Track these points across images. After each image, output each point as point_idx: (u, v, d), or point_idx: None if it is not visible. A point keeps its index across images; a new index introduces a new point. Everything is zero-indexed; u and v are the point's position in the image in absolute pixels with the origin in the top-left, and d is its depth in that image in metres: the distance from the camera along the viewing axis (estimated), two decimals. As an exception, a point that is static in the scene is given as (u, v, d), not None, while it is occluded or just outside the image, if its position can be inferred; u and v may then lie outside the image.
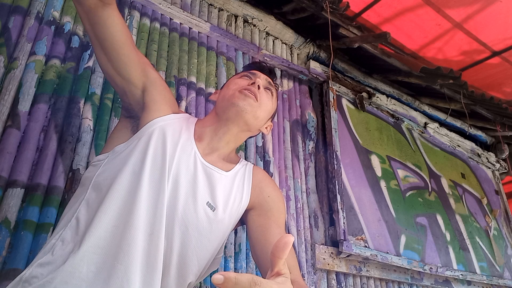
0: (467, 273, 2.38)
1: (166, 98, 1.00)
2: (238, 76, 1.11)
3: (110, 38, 0.88)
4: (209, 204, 0.92)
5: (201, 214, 0.89)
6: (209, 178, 0.94)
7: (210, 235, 0.91)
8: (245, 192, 1.00)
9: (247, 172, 1.05)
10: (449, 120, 3.00)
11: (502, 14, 2.41)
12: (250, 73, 1.10)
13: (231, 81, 1.10)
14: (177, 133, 0.95)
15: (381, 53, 2.35)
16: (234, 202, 0.97)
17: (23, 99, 1.24)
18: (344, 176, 2.10)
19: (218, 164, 0.99)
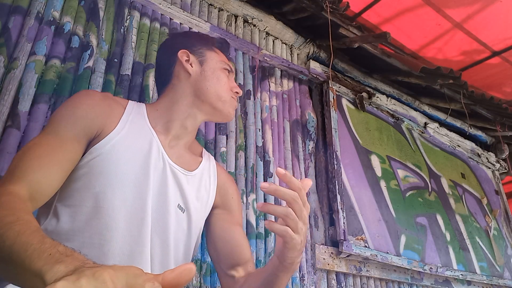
0: (467, 273, 2.38)
1: (88, 127, 0.87)
2: (221, 65, 1.07)
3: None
4: (179, 207, 0.94)
5: (173, 218, 0.92)
6: (177, 180, 0.95)
7: (186, 237, 0.96)
8: (211, 192, 1.04)
9: (212, 170, 1.08)
10: (449, 120, 3.00)
11: (502, 14, 2.41)
12: (231, 69, 1.10)
13: (216, 68, 1.06)
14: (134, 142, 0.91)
15: (381, 53, 2.35)
16: (202, 202, 1.01)
17: (23, 99, 1.24)
18: (344, 176, 2.10)
19: (184, 159, 1.00)
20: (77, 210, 0.82)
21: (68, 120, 0.84)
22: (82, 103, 0.88)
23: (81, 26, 1.47)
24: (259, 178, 1.77)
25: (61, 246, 0.50)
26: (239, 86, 1.91)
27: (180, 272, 0.43)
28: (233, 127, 1.78)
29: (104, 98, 0.93)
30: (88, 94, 0.93)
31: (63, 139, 0.81)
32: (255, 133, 1.86)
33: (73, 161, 0.82)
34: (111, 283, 0.39)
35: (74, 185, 0.84)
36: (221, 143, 1.69)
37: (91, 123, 0.86)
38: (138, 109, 0.99)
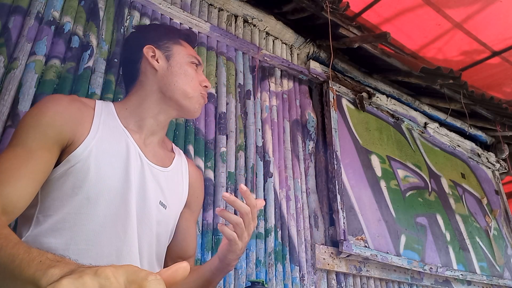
0: (467, 273, 2.38)
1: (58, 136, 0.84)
2: (188, 59, 1.06)
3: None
4: (161, 203, 0.96)
5: (156, 215, 0.94)
6: (156, 178, 0.97)
7: (167, 233, 1.00)
8: (184, 187, 1.07)
9: (184, 166, 1.09)
10: (449, 120, 3.00)
11: (502, 14, 2.41)
12: (199, 63, 1.08)
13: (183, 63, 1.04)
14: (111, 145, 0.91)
15: (381, 53, 2.35)
16: (178, 197, 1.04)
17: (23, 99, 1.24)
18: (344, 176, 2.10)
19: (159, 156, 1.02)
20: (60, 218, 0.82)
21: (35, 129, 0.81)
22: (48, 110, 0.85)
23: (81, 26, 1.47)
24: (259, 178, 1.77)
25: (49, 254, 0.50)
26: (239, 86, 1.91)
27: (175, 270, 0.43)
28: (233, 127, 1.78)
29: (72, 101, 0.90)
30: (54, 100, 0.88)
31: (31, 150, 0.78)
32: (255, 133, 1.86)
33: (45, 171, 0.80)
34: (114, 278, 0.39)
35: (55, 195, 0.83)
36: (221, 143, 1.69)
37: (60, 130, 0.84)
38: (107, 109, 0.97)
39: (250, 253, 1.59)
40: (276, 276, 1.64)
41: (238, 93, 1.89)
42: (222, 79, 1.84)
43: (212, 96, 1.78)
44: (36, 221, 0.82)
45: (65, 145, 0.85)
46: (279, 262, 1.68)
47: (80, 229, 0.82)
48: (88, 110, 0.92)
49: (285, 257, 1.72)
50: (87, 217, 0.83)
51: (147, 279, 0.39)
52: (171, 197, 1.00)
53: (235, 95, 1.88)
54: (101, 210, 0.84)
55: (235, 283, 1.51)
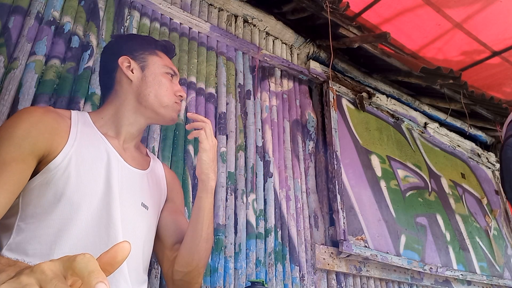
0: (467, 273, 2.38)
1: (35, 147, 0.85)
2: (163, 70, 1.10)
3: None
4: (143, 205, 1.00)
5: (139, 216, 0.97)
6: (136, 180, 1.00)
7: (150, 232, 1.02)
8: (163, 188, 1.12)
9: (159, 168, 1.15)
10: (449, 120, 3.00)
11: (502, 14, 2.41)
12: (174, 73, 1.12)
13: (157, 74, 1.09)
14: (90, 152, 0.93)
15: (381, 53, 2.35)
16: (158, 197, 1.08)
17: (23, 99, 1.24)
18: (344, 176, 2.10)
19: (137, 159, 1.06)
20: (43, 224, 0.83)
21: (10, 141, 0.82)
22: (22, 122, 0.85)
23: (81, 26, 1.47)
24: (259, 178, 1.77)
25: (3, 259, 0.52)
26: (239, 86, 1.91)
27: (115, 250, 0.44)
28: (233, 127, 1.78)
29: (46, 113, 0.90)
30: (28, 112, 0.89)
31: (6, 162, 0.79)
32: (255, 133, 1.86)
33: (19, 182, 0.81)
34: (50, 271, 0.40)
35: (36, 202, 0.84)
36: (221, 143, 1.70)
37: (35, 141, 0.84)
38: (83, 118, 1.00)
39: (250, 253, 1.59)
40: (276, 276, 1.64)
41: (238, 93, 1.89)
42: (222, 79, 1.84)
43: (212, 96, 1.78)
44: (17, 229, 0.83)
45: (41, 155, 0.86)
46: (279, 262, 1.68)
47: (64, 234, 0.83)
48: (64, 120, 0.94)
49: (285, 257, 1.71)
50: (71, 222, 0.84)
51: (76, 259, 0.40)
52: (152, 197, 1.04)
53: (235, 95, 1.88)
54: (84, 215, 0.86)
55: (235, 283, 1.51)
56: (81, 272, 0.39)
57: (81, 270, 0.39)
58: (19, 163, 0.81)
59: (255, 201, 1.71)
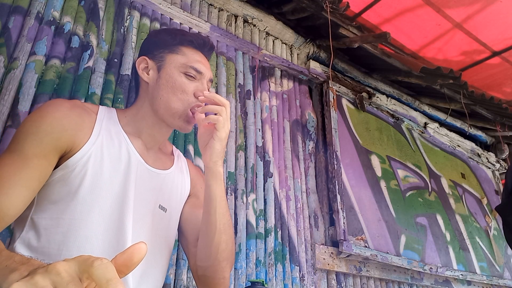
0: (467, 273, 2.38)
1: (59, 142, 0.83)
2: (181, 70, 0.98)
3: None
4: (161, 207, 0.97)
5: (155, 219, 0.94)
6: (155, 182, 0.97)
7: (168, 234, 1.00)
8: (186, 186, 1.08)
9: (184, 166, 1.11)
10: (449, 120, 3.00)
11: (502, 14, 2.41)
12: (197, 72, 0.98)
13: (172, 74, 0.97)
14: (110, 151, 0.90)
15: (381, 53, 2.35)
16: (179, 197, 1.05)
17: (23, 99, 1.24)
18: (344, 176, 2.10)
19: (159, 160, 1.02)
20: (54, 223, 0.82)
21: (33, 136, 0.80)
22: (47, 117, 0.83)
23: (81, 26, 1.47)
24: (259, 178, 1.77)
25: (17, 256, 0.51)
26: (239, 86, 1.91)
27: (131, 251, 0.43)
28: (233, 127, 1.78)
29: (72, 107, 0.88)
30: (55, 106, 0.86)
31: (28, 157, 0.77)
32: (255, 133, 1.86)
33: (40, 178, 0.79)
34: (65, 273, 0.39)
35: (51, 198, 0.83)
36: (221, 143, 1.69)
37: (58, 137, 0.82)
38: (110, 115, 0.97)
39: (250, 253, 1.59)
40: (276, 276, 1.64)
41: (238, 93, 1.89)
42: (222, 79, 1.84)
43: (212, 96, 1.78)
44: (30, 223, 0.83)
45: (63, 152, 0.84)
46: (279, 262, 1.68)
47: (73, 235, 0.81)
48: (89, 116, 0.91)
49: (285, 257, 1.71)
50: (81, 224, 0.82)
51: (93, 265, 0.39)
52: (172, 198, 1.01)
53: (235, 95, 1.88)
54: (95, 217, 0.84)
55: (235, 283, 1.51)
56: (98, 279, 0.38)
57: (99, 277, 0.38)
58: (40, 159, 0.79)
59: (255, 201, 1.71)
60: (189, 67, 0.98)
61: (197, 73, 0.99)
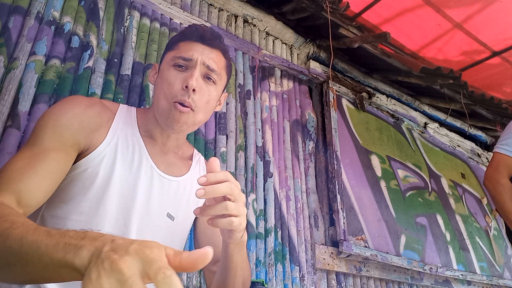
0: (467, 273, 2.38)
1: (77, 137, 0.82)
2: (172, 62, 0.91)
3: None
4: (169, 215, 0.92)
5: (162, 226, 0.91)
6: (166, 189, 0.92)
7: (175, 243, 0.95)
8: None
9: (202, 171, 1.04)
10: (449, 120, 3.00)
11: (502, 14, 2.41)
12: (185, 60, 0.90)
13: (164, 70, 0.92)
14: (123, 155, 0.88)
15: (381, 53, 2.35)
16: (189, 205, 0.97)
17: (23, 99, 1.24)
18: (344, 176, 2.10)
19: (173, 166, 0.96)
20: (61, 222, 0.81)
21: (53, 129, 0.80)
22: (67, 112, 0.83)
23: (81, 26, 1.47)
24: (259, 178, 1.77)
25: (70, 232, 0.50)
26: (239, 86, 1.91)
27: (198, 256, 0.44)
28: (233, 127, 1.78)
29: (92, 105, 0.87)
30: (74, 102, 0.86)
31: (48, 149, 0.77)
32: (255, 133, 1.86)
33: (60, 171, 0.78)
34: (128, 270, 0.41)
35: (61, 197, 0.83)
36: (221, 143, 1.69)
37: (76, 133, 0.82)
38: (129, 115, 0.95)
39: (250, 253, 1.59)
40: (276, 276, 1.64)
41: (238, 93, 1.89)
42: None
43: (212, 96, 1.78)
44: (41, 218, 0.82)
45: (81, 149, 0.84)
46: (279, 262, 1.68)
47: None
48: (107, 115, 0.90)
49: (285, 257, 1.71)
50: (85, 226, 0.81)
51: (157, 278, 0.40)
52: (183, 207, 0.96)
53: (235, 95, 1.88)
54: (101, 220, 0.82)
55: (235, 283, 1.51)
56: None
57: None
58: (61, 153, 0.78)
59: (255, 201, 1.71)
60: (177, 57, 0.91)
61: (185, 61, 0.90)
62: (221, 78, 0.96)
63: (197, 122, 0.92)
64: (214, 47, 0.95)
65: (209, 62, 0.92)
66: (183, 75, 0.89)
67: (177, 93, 0.87)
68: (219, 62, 0.95)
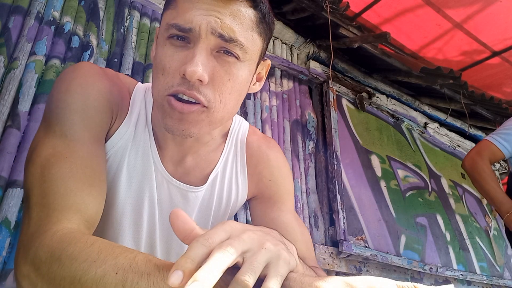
0: (467, 273, 2.38)
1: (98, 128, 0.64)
2: (166, 33, 0.60)
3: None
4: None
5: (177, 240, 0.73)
6: (185, 199, 0.73)
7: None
8: (240, 189, 0.78)
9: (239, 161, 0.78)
10: (449, 120, 3.00)
11: (502, 14, 2.41)
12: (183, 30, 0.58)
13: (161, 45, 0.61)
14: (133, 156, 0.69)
15: (381, 53, 2.35)
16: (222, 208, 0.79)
17: (23, 99, 1.24)
18: (344, 176, 2.10)
19: (193, 171, 0.74)
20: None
21: (82, 115, 0.60)
22: (91, 88, 0.63)
23: (81, 26, 1.47)
24: (259, 178, 1.77)
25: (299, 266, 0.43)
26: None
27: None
28: (233, 127, 1.78)
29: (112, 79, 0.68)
30: (93, 74, 0.64)
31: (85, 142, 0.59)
32: (255, 133, 1.86)
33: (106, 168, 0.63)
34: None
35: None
36: (221, 143, 1.69)
37: (105, 115, 0.64)
38: (146, 100, 0.72)
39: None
40: (276, 276, 1.64)
41: (238, 93, 1.89)
42: (222, 79, 1.84)
43: (212, 96, 1.78)
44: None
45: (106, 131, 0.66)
46: (279, 262, 1.67)
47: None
48: (125, 94, 0.70)
49: (285, 257, 1.71)
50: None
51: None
52: (212, 215, 0.77)
53: (235, 95, 1.88)
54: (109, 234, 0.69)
55: (235, 283, 1.50)
56: None
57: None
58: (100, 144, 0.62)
59: (255, 201, 1.71)
60: (171, 25, 0.58)
61: (184, 33, 0.58)
62: (249, 47, 0.60)
63: (217, 120, 0.63)
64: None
65: (223, 29, 0.57)
66: (182, 54, 0.58)
67: (173, 82, 0.58)
68: (244, 22, 0.59)
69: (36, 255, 0.46)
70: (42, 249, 0.45)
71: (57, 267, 0.43)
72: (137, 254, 0.42)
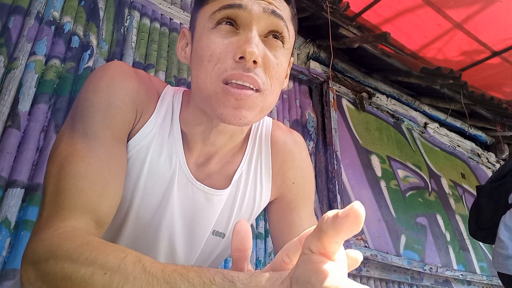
0: (467, 273, 2.38)
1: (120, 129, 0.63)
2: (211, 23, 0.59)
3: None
4: (216, 233, 0.72)
5: (212, 245, 0.73)
6: (210, 202, 0.70)
7: (224, 254, 0.78)
8: (264, 189, 0.75)
9: (264, 162, 0.75)
10: (449, 120, 3.00)
11: (502, 14, 2.41)
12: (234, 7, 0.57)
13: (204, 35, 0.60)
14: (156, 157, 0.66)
15: (381, 53, 2.35)
16: (247, 212, 0.75)
17: (23, 99, 1.24)
18: (344, 176, 2.10)
19: (218, 173, 0.71)
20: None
21: (105, 114, 0.60)
22: (117, 88, 0.62)
23: (81, 26, 1.47)
24: (259, 178, 1.77)
25: (219, 273, 0.38)
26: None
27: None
28: (233, 127, 1.78)
29: (141, 79, 0.67)
30: (123, 74, 0.64)
31: (106, 142, 0.58)
32: (255, 133, 1.86)
33: (125, 169, 0.62)
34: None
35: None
36: (221, 143, 1.69)
37: (128, 115, 0.62)
38: (176, 100, 0.70)
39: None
40: (276, 276, 1.64)
41: (238, 93, 1.89)
42: (222, 79, 1.84)
43: (212, 96, 1.78)
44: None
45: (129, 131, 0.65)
46: (279, 262, 1.67)
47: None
48: (153, 96, 0.68)
49: (285, 257, 1.71)
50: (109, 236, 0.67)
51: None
52: (235, 219, 0.73)
53: (235, 95, 1.88)
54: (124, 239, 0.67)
55: (235, 283, 1.51)
56: None
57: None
58: (121, 145, 0.61)
59: (255, 201, 1.71)
60: (219, 10, 0.58)
61: (234, 11, 0.58)
62: (290, 35, 0.62)
63: (267, 106, 0.61)
64: None
65: (273, 7, 0.58)
66: (233, 39, 0.57)
67: (226, 66, 0.57)
68: (286, 11, 0.62)
69: (35, 249, 0.46)
70: (41, 244, 0.46)
71: (52, 262, 0.44)
72: (128, 253, 0.42)
